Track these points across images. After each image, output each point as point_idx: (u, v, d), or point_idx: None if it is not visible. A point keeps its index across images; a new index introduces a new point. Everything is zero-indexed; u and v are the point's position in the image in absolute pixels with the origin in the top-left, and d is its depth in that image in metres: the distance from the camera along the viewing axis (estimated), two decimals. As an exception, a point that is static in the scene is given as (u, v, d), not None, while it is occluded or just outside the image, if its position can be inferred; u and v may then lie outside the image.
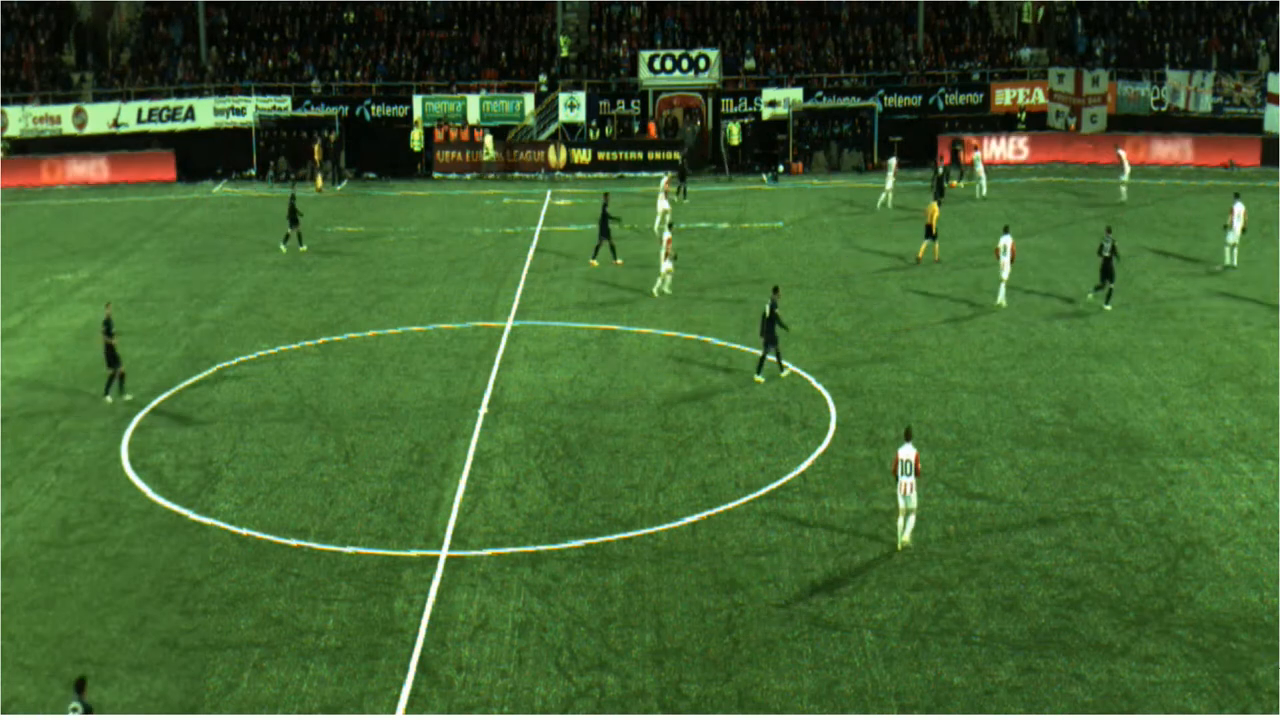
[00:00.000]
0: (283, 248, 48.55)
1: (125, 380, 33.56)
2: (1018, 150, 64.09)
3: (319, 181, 60.50)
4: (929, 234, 45.56)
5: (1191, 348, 36.16)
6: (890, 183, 54.40)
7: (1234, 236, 43.83)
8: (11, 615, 23.16)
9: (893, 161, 55.44)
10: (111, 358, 33.21)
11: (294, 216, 48.53)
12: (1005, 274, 40.12)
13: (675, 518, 26.55)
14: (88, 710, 18.51)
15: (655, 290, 41.83)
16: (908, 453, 24.86)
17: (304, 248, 48.66)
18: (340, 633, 22.53)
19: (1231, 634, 22.08)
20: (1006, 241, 40.00)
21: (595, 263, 45.69)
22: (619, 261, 45.64)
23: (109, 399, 33.14)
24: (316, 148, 62.03)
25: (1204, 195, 56.33)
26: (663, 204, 49.19)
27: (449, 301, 41.95)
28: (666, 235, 42.53)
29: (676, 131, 64.44)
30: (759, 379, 33.94)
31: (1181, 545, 25.16)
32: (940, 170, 54.03)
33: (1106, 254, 39.87)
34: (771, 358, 34.04)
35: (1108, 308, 39.60)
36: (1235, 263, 43.72)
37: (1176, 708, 20.17)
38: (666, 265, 41.47)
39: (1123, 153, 56.25)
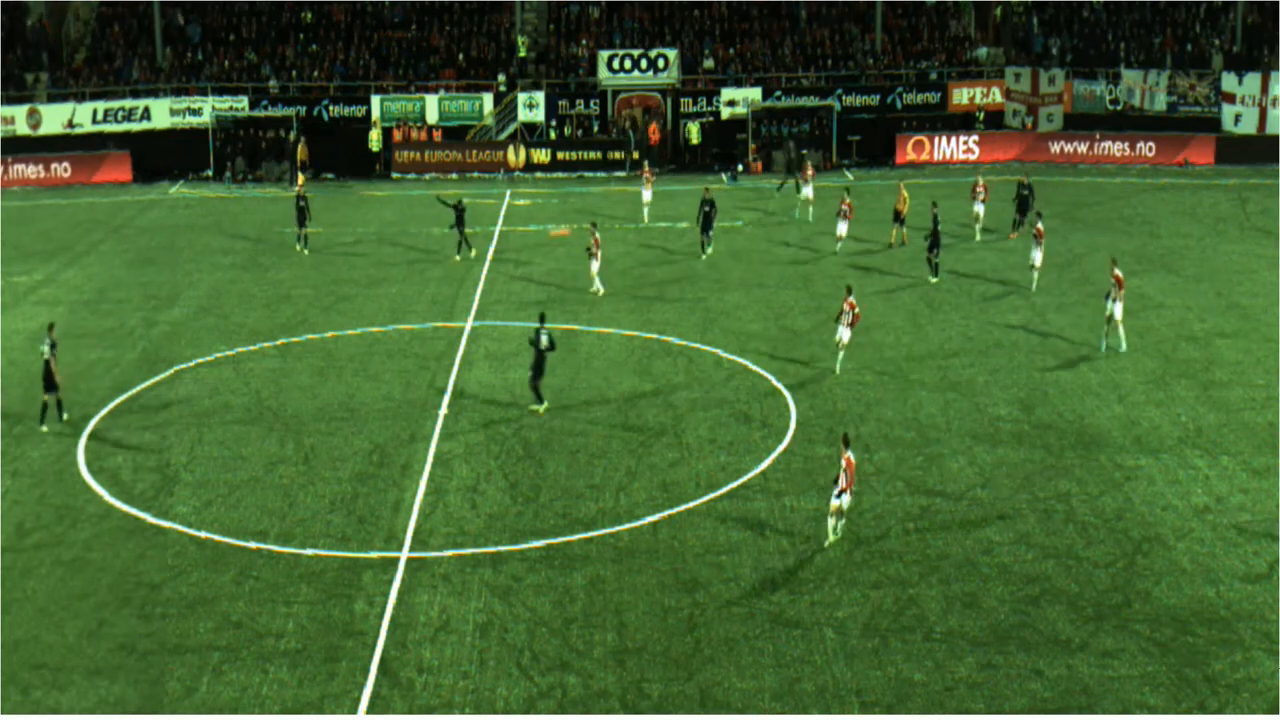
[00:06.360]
0: (302, 248, 48.64)
1: (63, 405, 31.76)
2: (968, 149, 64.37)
3: (301, 179, 59.89)
4: (898, 219, 47.18)
5: (1147, 344, 36.43)
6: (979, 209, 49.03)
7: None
8: (-33, 621, 22.96)
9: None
10: (49, 382, 31.20)
11: (302, 216, 48.41)
12: (1117, 312, 35.37)
13: (636, 517, 26.57)
14: None
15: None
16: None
17: (305, 249, 48.58)
18: (300, 635, 22.42)
19: (1188, 628, 22.28)
20: (1116, 272, 35.53)
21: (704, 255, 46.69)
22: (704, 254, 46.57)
23: (45, 428, 31.24)
24: (301, 146, 61.39)
25: (1159, 193, 56.82)
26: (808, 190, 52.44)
27: (408, 302, 41.83)
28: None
29: (637, 130, 64.45)
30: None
31: (1138, 541, 25.36)
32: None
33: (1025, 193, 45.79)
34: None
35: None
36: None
37: (1134, 702, 20.33)
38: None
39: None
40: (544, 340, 31.57)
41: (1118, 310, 35.31)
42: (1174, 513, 26.52)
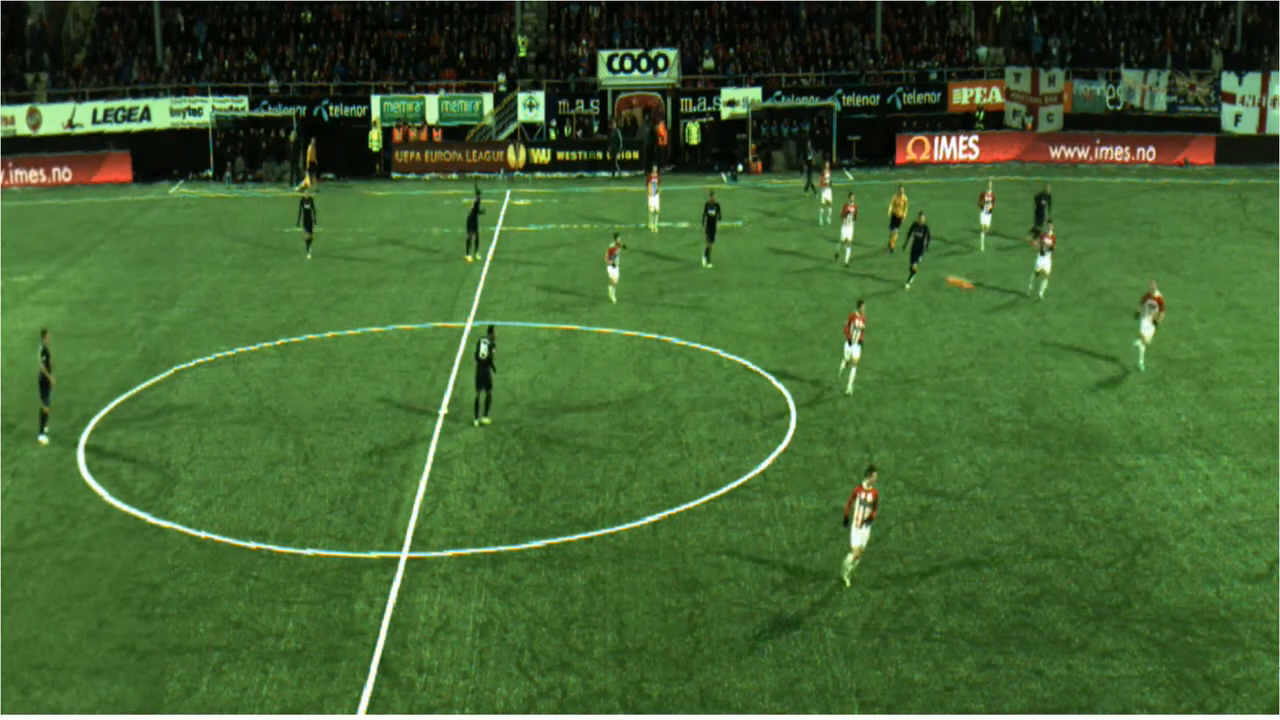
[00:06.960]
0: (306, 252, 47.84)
1: (47, 420, 31.01)
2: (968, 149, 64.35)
3: (307, 180, 59.41)
4: (895, 223, 46.81)
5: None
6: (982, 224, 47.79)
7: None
8: (-33, 621, 22.95)
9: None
10: (45, 391, 30.47)
11: (309, 220, 47.49)
12: (1148, 334, 34.53)
13: (636, 517, 26.56)
14: None
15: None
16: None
17: (309, 255, 47.77)
18: (300, 635, 22.42)
19: (1188, 628, 22.28)
20: (1155, 293, 34.64)
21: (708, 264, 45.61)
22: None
23: (44, 439, 30.65)
24: (310, 148, 60.98)
25: (1159, 194, 56.82)
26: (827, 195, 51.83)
27: (408, 302, 41.82)
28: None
29: (636, 130, 64.46)
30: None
31: (1138, 541, 25.36)
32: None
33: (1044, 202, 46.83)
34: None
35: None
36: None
37: (1134, 702, 20.33)
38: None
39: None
40: (482, 350, 31.34)
41: (1149, 330, 34.43)
42: (1174, 513, 26.52)
